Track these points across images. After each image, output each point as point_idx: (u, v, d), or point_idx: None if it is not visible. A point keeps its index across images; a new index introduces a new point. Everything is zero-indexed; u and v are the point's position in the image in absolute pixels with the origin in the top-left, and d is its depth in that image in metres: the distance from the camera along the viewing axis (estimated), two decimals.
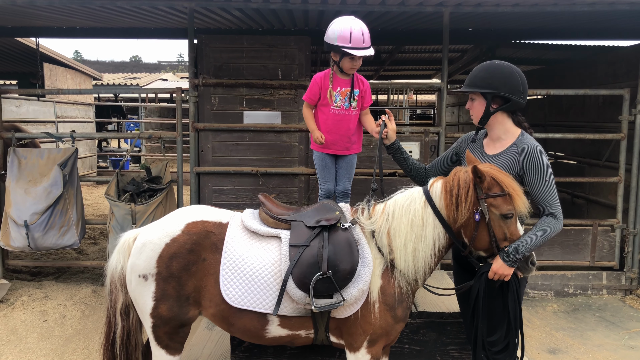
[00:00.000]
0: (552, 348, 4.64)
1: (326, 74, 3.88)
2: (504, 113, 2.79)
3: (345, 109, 3.88)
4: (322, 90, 3.88)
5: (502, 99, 2.75)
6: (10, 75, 14.97)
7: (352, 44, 3.62)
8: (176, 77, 27.96)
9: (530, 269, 2.62)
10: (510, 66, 2.77)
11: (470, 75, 2.83)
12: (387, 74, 13.29)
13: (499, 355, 2.72)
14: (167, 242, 2.74)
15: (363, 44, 3.63)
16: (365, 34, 3.64)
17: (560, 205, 2.69)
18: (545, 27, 7.06)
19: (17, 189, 5.31)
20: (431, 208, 2.61)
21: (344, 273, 2.60)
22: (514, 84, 2.73)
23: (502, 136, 2.82)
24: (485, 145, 2.92)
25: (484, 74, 2.77)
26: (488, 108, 2.76)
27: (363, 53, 3.65)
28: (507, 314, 2.67)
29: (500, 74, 2.73)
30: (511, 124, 2.82)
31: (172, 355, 2.82)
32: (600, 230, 5.81)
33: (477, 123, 2.87)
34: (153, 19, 6.44)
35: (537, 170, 2.67)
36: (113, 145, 19.14)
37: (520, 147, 2.73)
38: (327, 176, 4.06)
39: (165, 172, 5.56)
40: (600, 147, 6.69)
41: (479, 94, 2.79)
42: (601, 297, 5.79)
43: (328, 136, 3.95)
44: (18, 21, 6.88)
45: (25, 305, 5.26)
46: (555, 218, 2.66)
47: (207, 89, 5.66)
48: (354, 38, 3.60)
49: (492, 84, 2.73)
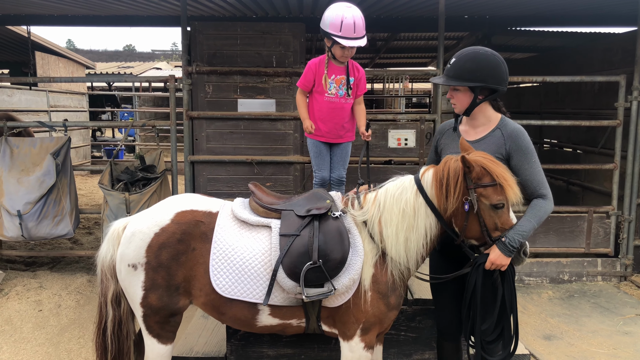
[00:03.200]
0: (547, 334, 4.66)
1: (321, 60, 3.83)
2: (487, 101, 2.76)
3: (340, 97, 3.84)
4: (317, 77, 3.83)
5: (488, 89, 2.71)
6: (1, 64, 14.82)
7: (342, 32, 3.55)
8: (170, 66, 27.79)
9: (523, 259, 2.61)
10: (495, 55, 2.71)
11: (454, 66, 2.71)
12: (382, 61, 13.23)
13: (491, 344, 2.71)
14: (156, 231, 2.71)
15: (354, 34, 3.54)
16: (358, 23, 3.55)
17: (548, 184, 2.70)
18: (540, 14, 7.03)
19: (10, 179, 5.27)
20: (423, 197, 2.59)
21: (335, 262, 2.58)
22: (500, 74, 2.69)
23: (484, 122, 2.81)
24: (464, 132, 2.88)
25: (470, 64, 2.66)
26: (475, 99, 2.71)
27: (351, 43, 3.57)
28: (501, 303, 2.65)
29: (488, 65, 2.66)
30: (492, 110, 2.81)
31: (164, 344, 2.81)
32: (595, 217, 5.82)
33: (461, 113, 2.83)
34: (146, 6, 6.36)
35: (523, 152, 2.67)
36: (107, 135, 19.04)
37: (504, 131, 2.73)
38: (321, 164, 4.04)
39: (160, 161, 5.52)
40: (596, 134, 6.68)
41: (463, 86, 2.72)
42: (596, 284, 5.82)
43: (322, 125, 3.92)
44: (8, 8, 6.79)
45: (19, 295, 5.24)
46: (545, 198, 2.66)
47: (200, 76, 5.61)
48: (344, 27, 3.53)
49: (480, 76, 2.65)
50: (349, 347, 2.74)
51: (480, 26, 7.89)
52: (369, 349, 2.74)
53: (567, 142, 7.89)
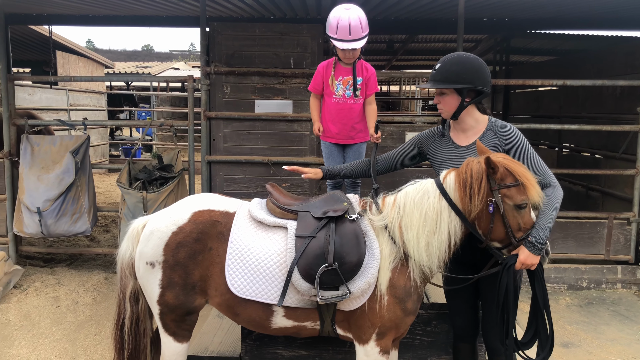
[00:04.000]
0: (565, 342, 4.60)
1: (329, 63, 3.86)
2: (473, 103, 2.81)
3: (347, 98, 3.84)
4: (325, 78, 3.86)
5: (475, 92, 2.77)
6: (23, 63, 15.06)
7: (338, 35, 3.55)
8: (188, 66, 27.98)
9: (545, 258, 2.61)
10: (478, 58, 2.80)
11: (440, 71, 2.78)
12: (400, 63, 13.19)
13: (527, 346, 2.70)
14: (173, 230, 2.73)
15: (349, 36, 3.53)
16: (354, 25, 3.53)
17: (550, 171, 2.71)
18: (561, 16, 6.94)
19: (30, 176, 5.34)
20: (446, 201, 2.56)
21: (350, 265, 2.56)
22: (485, 76, 2.76)
23: (473, 125, 2.85)
24: (454, 137, 2.92)
25: (456, 68, 2.74)
26: (462, 102, 2.76)
27: (345, 46, 3.56)
28: (533, 303, 2.66)
29: (472, 67, 2.74)
30: (478, 112, 2.87)
31: (179, 342, 2.82)
32: (615, 224, 5.72)
33: (449, 117, 2.86)
34: (165, 7, 6.41)
35: (519, 147, 2.72)
36: (125, 133, 19.23)
37: (496, 130, 2.80)
38: (332, 165, 4.04)
39: (177, 161, 5.55)
40: (617, 139, 6.57)
41: (451, 88, 2.77)
42: (615, 291, 5.72)
43: (332, 126, 3.94)
44: (31, 8, 6.89)
45: (38, 291, 5.31)
46: (552, 186, 2.67)
47: (219, 77, 5.64)
48: (339, 29, 3.52)
49: (466, 79, 2.72)
50: (364, 351, 2.72)
51: (499, 29, 7.82)
52: (385, 354, 2.72)
53: (587, 147, 7.77)
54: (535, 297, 2.64)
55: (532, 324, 2.69)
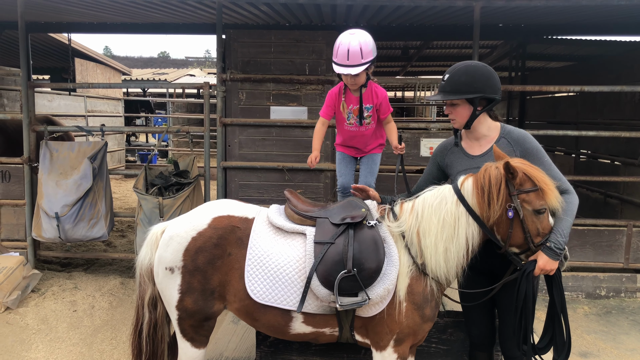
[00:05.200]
0: (583, 351, 4.52)
1: (340, 89, 3.78)
2: (484, 111, 2.80)
3: (359, 126, 3.80)
4: (337, 106, 3.79)
5: (486, 100, 2.75)
6: (43, 70, 15.30)
7: (337, 58, 3.46)
8: (203, 72, 28.23)
9: (564, 263, 2.59)
10: (486, 66, 2.79)
11: (450, 82, 2.76)
12: (414, 69, 13.15)
13: (543, 351, 2.68)
14: (193, 235, 2.74)
15: (347, 61, 3.41)
16: (353, 51, 3.39)
17: (565, 177, 2.71)
18: (578, 22, 6.87)
19: (49, 181, 5.42)
20: (464, 206, 2.55)
21: (370, 271, 2.56)
22: (495, 83, 2.75)
23: (486, 133, 2.84)
24: (467, 148, 2.90)
25: (466, 78, 2.72)
26: (474, 111, 2.74)
27: (339, 70, 3.46)
28: (550, 308, 2.64)
29: (482, 75, 2.72)
30: (490, 119, 2.85)
31: (197, 348, 2.83)
32: (635, 231, 5.63)
33: (461, 127, 2.85)
34: (182, 14, 6.49)
35: (534, 154, 2.71)
36: (141, 139, 19.42)
37: (510, 138, 2.78)
38: (342, 170, 4.02)
39: (193, 167, 5.60)
40: (636, 146, 6.48)
41: (462, 99, 2.75)
42: (635, 300, 5.62)
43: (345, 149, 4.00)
44: (51, 16, 7.01)
45: (55, 295, 5.37)
46: (569, 193, 2.66)
47: (234, 84, 5.68)
48: (339, 52, 3.43)
49: (477, 88, 2.70)
50: (381, 357, 2.71)
51: (515, 34, 7.76)
52: None
53: (606, 154, 7.67)
54: (552, 302, 2.63)
55: (549, 329, 2.68)
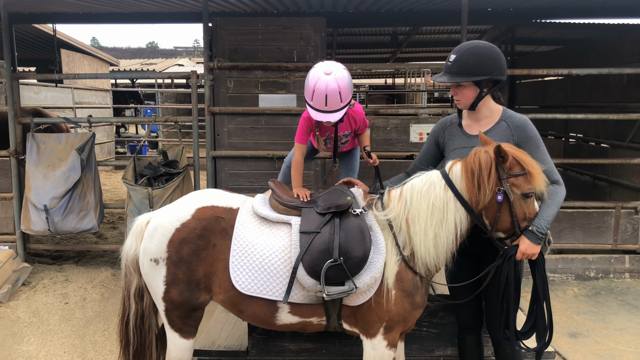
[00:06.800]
0: (572, 332, 4.58)
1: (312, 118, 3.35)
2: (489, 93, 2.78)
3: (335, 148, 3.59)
4: (312, 133, 3.50)
5: (492, 81, 2.73)
6: (29, 62, 15.13)
7: (313, 102, 3.03)
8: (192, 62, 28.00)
9: (547, 248, 2.60)
10: (493, 46, 2.75)
11: (457, 63, 2.69)
12: (404, 56, 13.10)
13: (525, 336, 2.71)
14: (177, 226, 2.73)
15: (325, 106, 3.00)
16: (331, 96, 2.96)
17: (556, 169, 2.73)
18: (567, 5, 6.86)
19: (37, 174, 5.37)
20: (452, 191, 2.54)
21: (356, 260, 2.55)
22: (502, 64, 2.72)
23: (487, 115, 2.83)
24: (467, 127, 2.89)
25: (474, 59, 2.67)
26: (480, 93, 2.73)
27: (318, 117, 3.06)
28: (533, 293, 2.66)
29: (490, 57, 2.69)
30: (492, 101, 2.84)
31: (185, 338, 2.83)
32: (623, 213, 5.68)
33: (466, 108, 2.83)
34: (168, 3, 6.40)
35: (532, 141, 2.72)
36: (131, 131, 19.28)
37: (510, 122, 2.77)
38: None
39: (182, 157, 5.57)
40: (624, 128, 6.51)
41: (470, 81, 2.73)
42: (623, 281, 5.69)
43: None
44: (35, 7, 6.89)
45: (46, 288, 5.35)
46: (559, 184, 2.69)
47: (222, 72, 5.63)
48: (315, 96, 3.00)
49: (485, 70, 2.67)
50: (371, 345, 2.71)
51: (504, 19, 7.74)
52: (392, 347, 2.71)
53: (594, 137, 7.71)
54: (535, 287, 2.65)
55: (532, 315, 2.69)
